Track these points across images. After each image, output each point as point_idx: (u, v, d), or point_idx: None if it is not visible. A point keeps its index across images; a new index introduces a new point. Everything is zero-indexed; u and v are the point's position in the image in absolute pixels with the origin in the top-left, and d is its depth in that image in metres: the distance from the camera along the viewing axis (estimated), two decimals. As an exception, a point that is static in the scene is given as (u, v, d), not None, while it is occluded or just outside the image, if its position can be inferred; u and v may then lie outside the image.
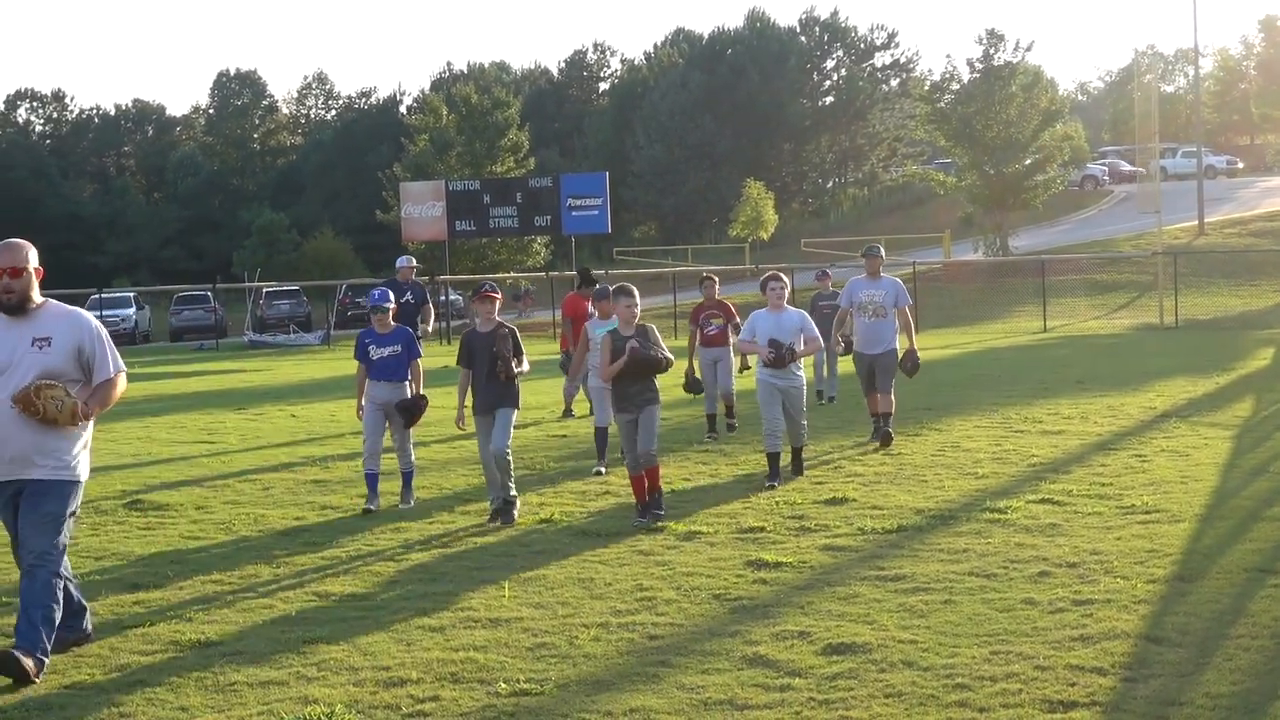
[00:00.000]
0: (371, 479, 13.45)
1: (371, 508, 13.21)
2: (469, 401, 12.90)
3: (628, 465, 12.48)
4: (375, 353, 13.51)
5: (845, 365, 20.23)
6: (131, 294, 68.32)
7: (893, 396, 17.04)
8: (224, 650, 8.34)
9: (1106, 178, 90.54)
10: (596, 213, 57.92)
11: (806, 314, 14.29)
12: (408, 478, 13.74)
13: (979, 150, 66.60)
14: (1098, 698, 6.85)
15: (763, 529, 11.56)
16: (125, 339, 61.62)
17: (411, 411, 13.36)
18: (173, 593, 9.99)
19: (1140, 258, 57.89)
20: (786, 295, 14.14)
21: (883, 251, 17.49)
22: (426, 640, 8.45)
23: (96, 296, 61.72)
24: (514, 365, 12.36)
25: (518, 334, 12.66)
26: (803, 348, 13.92)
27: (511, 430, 12.54)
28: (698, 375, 17.48)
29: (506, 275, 62.01)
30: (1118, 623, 8.18)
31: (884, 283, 16.91)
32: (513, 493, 12.54)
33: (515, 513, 12.42)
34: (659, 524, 11.93)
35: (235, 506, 13.70)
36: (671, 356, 12.55)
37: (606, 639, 8.32)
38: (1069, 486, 13.09)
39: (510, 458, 12.42)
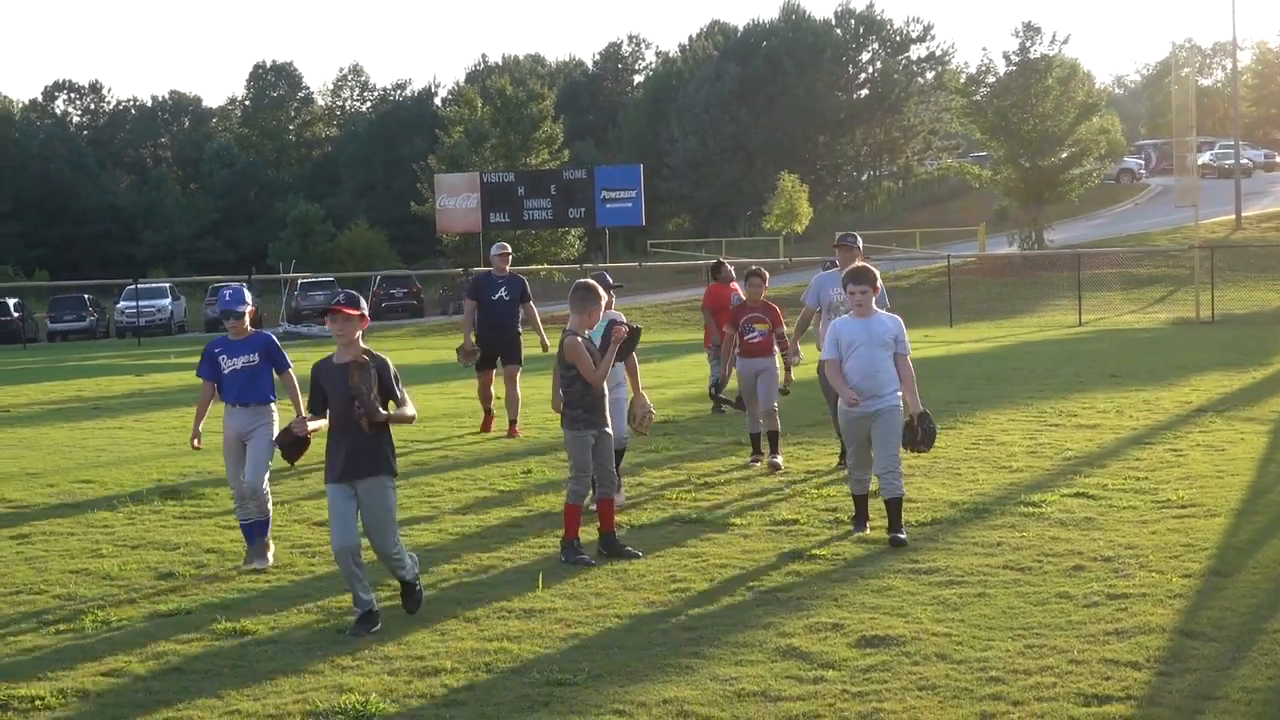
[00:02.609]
0: (248, 529, 10.62)
1: (258, 566, 10.40)
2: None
3: (599, 490, 10.69)
4: (227, 364, 10.82)
5: None
6: (167, 284, 68.61)
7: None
8: (259, 639, 8.39)
9: (1143, 171, 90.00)
10: (630, 205, 57.95)
11: (900, 320, 10.97)
12: (260, 527, 10.66)
13: (1015, 143, 66.33)
14: (1133, 691, 6.83)
15: (796, 521, 11.56)
16: (161, 329, 61.97)
17: (292, 449, 9.43)
18: (208, 581, 10.05)
19: (1176, 252, 57.57)
20: (872, 297, 10.91)
21: (860, 241, 14.16)
22: (461, 630, 8.48)
23: (132, 287, 62.02)
24: (379, 409, 8.73)
25: (391, 367, 8.91)
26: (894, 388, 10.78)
27: (393, 516, 8.90)
28: (728, 387, 15.45)
29: (540, 268, 62.05)
30: (1153, 617, 8.15)
31: None
32: (408, 573, 8.94)
33: (420, 593, 9.06)
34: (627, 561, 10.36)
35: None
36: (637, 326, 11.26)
37: (640, 629, 8.33)
38: (1104, 480, 13.04)
39: (398, 549, 8.85)
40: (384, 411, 8.74)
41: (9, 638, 8.58)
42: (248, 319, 10.88)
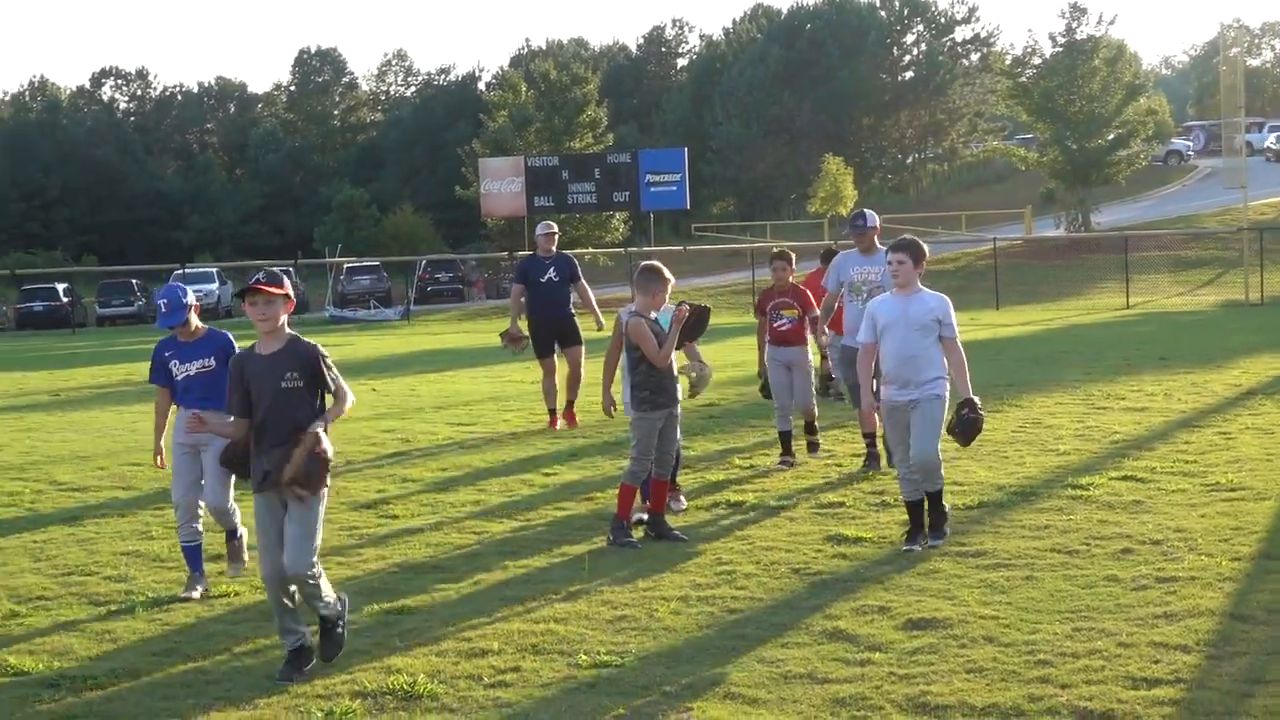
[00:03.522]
0: (192, 552, 9.50)
1: (194, 595, 9.18)
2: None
3: (656, 471, 10.62)
4: (179, 370, 9.60)
5: None
6: (214, 269, 68.99)
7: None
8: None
9: (1191, 153, 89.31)
10: (675, 188, 57.83)
11: (947, 300, 10.05)
12: (233, 540, 9.87)
13: (1061, 125, 65.98)
14: (1182, 675, 6.80)
15: (842, 504, 11.54)
16: (208, 314, 62.18)
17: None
18: (255, 564, 10.09)
19: (1225, 233, 57.12)
20: (913, 270, 9.94)
21: (877, 220, 13.30)
22: (507, 612, 8.51)
23: (180, 271, 62.37)
24: (326, 466, 7.45)
25: (324, 356, 7.65)
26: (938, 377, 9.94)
27: (316, 532, 7.48)
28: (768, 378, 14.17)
29: (584, 251, 62.08)
30: (1202, 600, 8.11)
31: (881, 256, 12.47)
32: (327, 607, 7.67)
33: (343, 636, 7.75)
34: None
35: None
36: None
37: (686, 612, 8.34)
38: (1152, 463, 12.97)
39: (314, 574, 7.53)
40: (325, 443, 7.41)
41: (61, 618, 8.66)
42: (194, 318, 9.71)
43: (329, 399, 7.69)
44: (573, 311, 17.32)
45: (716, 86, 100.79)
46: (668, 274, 10.73)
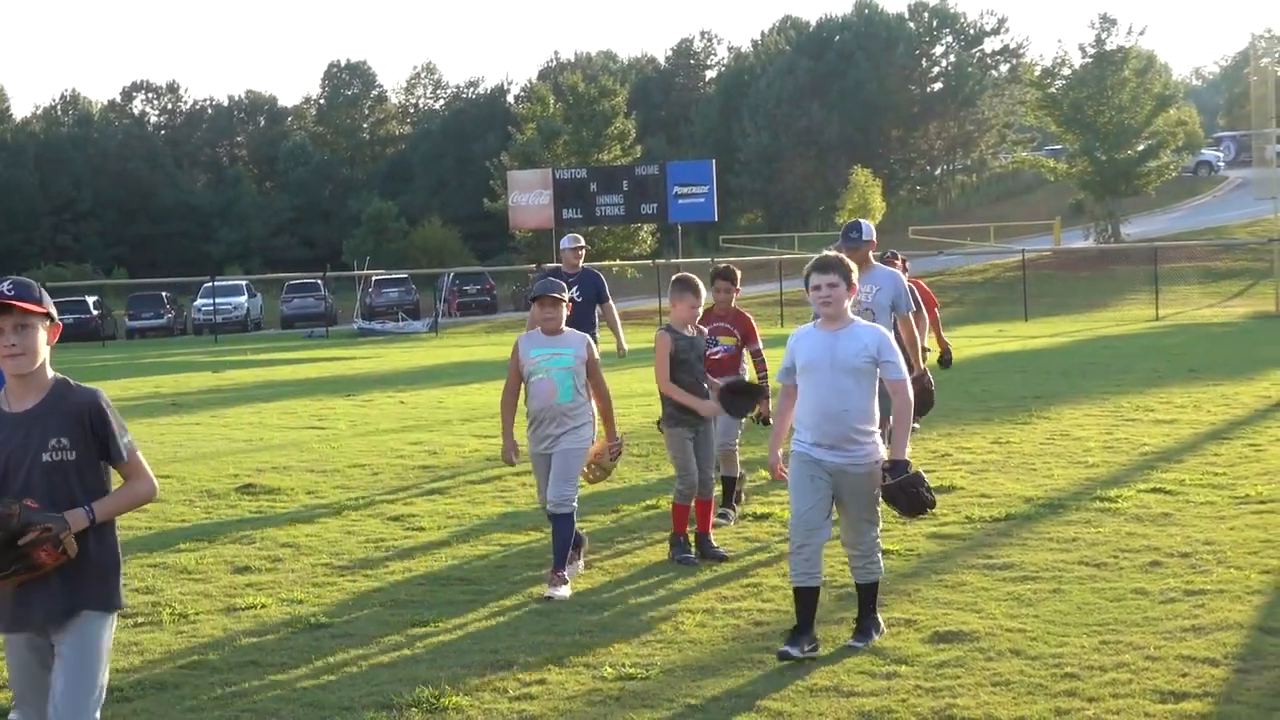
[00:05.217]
0: None
1: None
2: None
3: (680, 491, 10.26)
4: None
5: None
6: (244, 282, 69.24)
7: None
8: (334, 632, 8.45)
9: (1221, 164, 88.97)
10: (703, 200, 57.83)
11: (884, 331, 8.03)
12: None
13: (1090, 136, 65.85)
14: (1210, 688, 6.76)
15: (869, 516, 11.49)
16: (238, 326, 62.54)
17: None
18: (284, 575, 10.13)
19: (1256, 245, 56.87)
20: (848, 298, 7.75)
21: (873, 233, 11.33)
22: (533, 624, 8.51)
23: (209, 284, 62.64)
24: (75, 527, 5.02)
25: (108, 409, 5.25)
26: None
27: (97, 679, 5.14)
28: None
29: (612, 263, 62.10)
30: (1231, 613, 8.06)
31: (877, 274, 11.22)
32: None
33: None
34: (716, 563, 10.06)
35: (345, 491, 13.85)
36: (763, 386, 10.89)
37: (712, 624, 8.33)
38: (1181, 476, 12.90)
39: None
40: (91, 514, 5.10)
41: (88, 630, 8.68)
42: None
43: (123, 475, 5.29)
44: (598, 339, 14.73)
45: (745, 98, 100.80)
46: (694, 287, 10.29)
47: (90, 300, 62.84)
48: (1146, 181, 67.35)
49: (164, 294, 66.12)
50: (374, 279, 64.38)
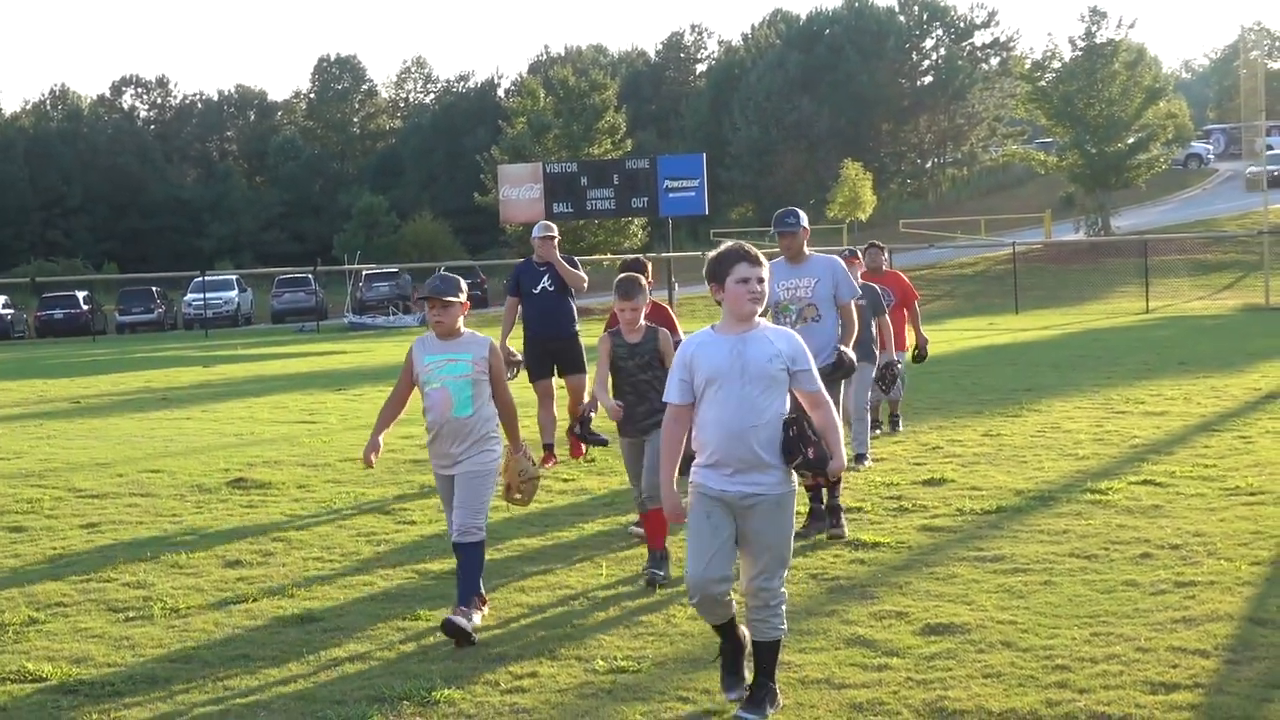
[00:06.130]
0: None
1: None
2: None
3: (638, 499, 9.75)
4: None
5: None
6: (234, 276, 69.23)
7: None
8: (325, 626, 8.44)
9: (1211, 156, 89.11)
10: (693, 194, 57.80)
11: (795, 335, 6.68)
12: None
13: (1080, 129, 65.93)
14: (1200, 680, 6.78)
15: (861, 509, 11.52)
16: (228, 321, 62.50)
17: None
18: (275, 569, 10.12)
19: (1245, 237, 57.00)
20: (757, 296, 6.48)
21: (805, 221, 10.87)
22: (525, 617, 8.51)
23: (200, 279, 62.57)
24: None
25: None
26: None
27: None
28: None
29: (603, 257, 62.04)
30: (1221, 605, 8.08)
31: (814, 265, 10.87)
32: None
33: None
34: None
35: (336, 485, 13.84)
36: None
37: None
38: (1171, 468, 12.93)
39: None
40: None
41: (79, 624, 8.68)
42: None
43: None
44: (576, 331, 14.79)
45: (735, 92, 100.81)
46: (631, 287, 9.49)
47: (80, 295, 62.80)
48: (1136, 174, 67.45)
49: (154, 289, 66.08)
50: (364, 274, 64.34)
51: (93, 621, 8.75)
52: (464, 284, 8.55)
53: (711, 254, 6.61)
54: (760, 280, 6.47)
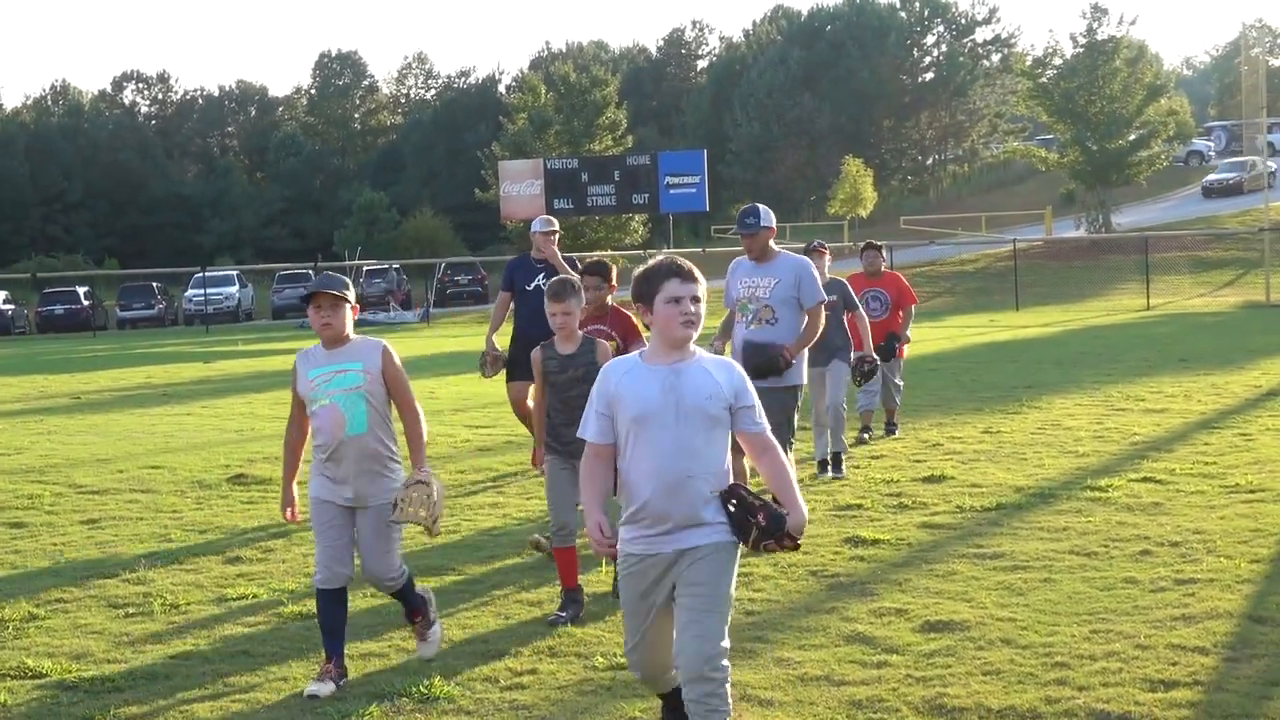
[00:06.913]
0: None
1: None
2: None
3: (554, 529, 8.64)
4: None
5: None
6: (235, 272, 69.26)
7: (790, 459, 7.85)
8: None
9: (1212, 153, 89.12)
10: (694, 190, 57.88)
11: (740, 370, 5.68)
12: None
13: (1082, 126, 65.94)
14: (1200, 677, 6.78)
15: (861, 506, 11.52)
16: (229, 317, 62.50)
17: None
18: (275, 565, 10.13)
19: (1246, 234, 56.99)
20: (690, 318, 5.55)
21: (771, 219, 10.59)
22: (524, 615, 8.51)
23: (200, 275, 62.57)
24: None
25: None
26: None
27: None
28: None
29: (603, 254, 62.07)
30: (1220, 602, 8.08)
31: (778, 265, 10.52)
32: None
33: None
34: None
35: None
36: None
37: (703, 614, 8.32)
38: (1171, 465, 12.93)
39: None
40: None
41: (79, 620, 8.68)
42: None
43: None
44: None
45: (736, 88, 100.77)
46: (563, 288, 8.40)
47: (81, 291, 62.85)
48: (1137, 171, 67.47)
49: (155, 284, 66.12)
50: (365, 269, 64.37)
51: (93, 618, 8.76)
52: (350, 283, 7.45)
53: (638, 270, 5.65)
54: (695, 299, 5.51)
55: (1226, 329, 33.23)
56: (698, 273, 5.60)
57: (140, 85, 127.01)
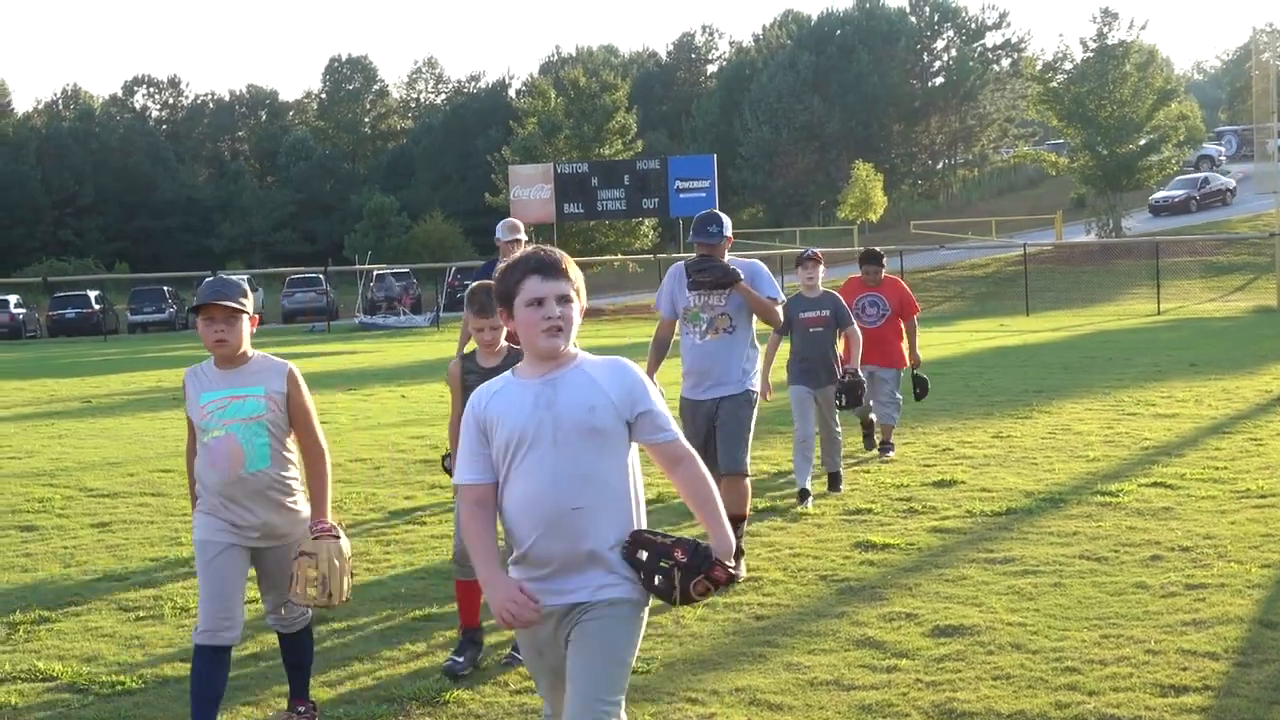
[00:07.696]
0: None
1: None
2: None
3: (458, 562, 7.74)
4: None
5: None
6: (245, 276, 69.18)
7: (747, 484, 9.44)
8: (335, 627, 8.45)
9: (1223, 158, 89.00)
10: (704, 195, 57.85)
11: (631, 365, 4.56)
12: None
13: (1092, 130, 65.87)
14: (1210, 682, 6.76)
15: (870, 510, 11.51)
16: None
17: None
18: (286, 569, 10.12)
19: (1257, 239, 56.90)
20: (554, 323, 4.48)
21: (728, 228, 9.88)
22: (534, 618, 8.49)
23: (211, 279, 62.63)
24: None
25: None
26: None
27: None
28: None
29: (614, 258, 62.10)
30: (1231, 607, 8.07)
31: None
32: None
33: None
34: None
35: (347, 486, 13.84)
36: None
37: (713, 619, 8.33)
38: (1182, 470, 12.91)
39: None
40: None
41: (90, 623, 8.69)
42: None
43: None
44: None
45: (746, 93, 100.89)
46: (487, 300, 7.29)
47: (92, 295, 62.95)
48: (1148, 176, 67.42)
49: (166, 288, 66.19)
50: (375, 273, 64.42)
51: (103, 620, 8.77)
52: (249, 290, 6.41)
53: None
54: (563, 299, 4.47)
55: (1237, 334, 33.16)
56: (569, 264, 4.55)
57: (151, 89, 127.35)
